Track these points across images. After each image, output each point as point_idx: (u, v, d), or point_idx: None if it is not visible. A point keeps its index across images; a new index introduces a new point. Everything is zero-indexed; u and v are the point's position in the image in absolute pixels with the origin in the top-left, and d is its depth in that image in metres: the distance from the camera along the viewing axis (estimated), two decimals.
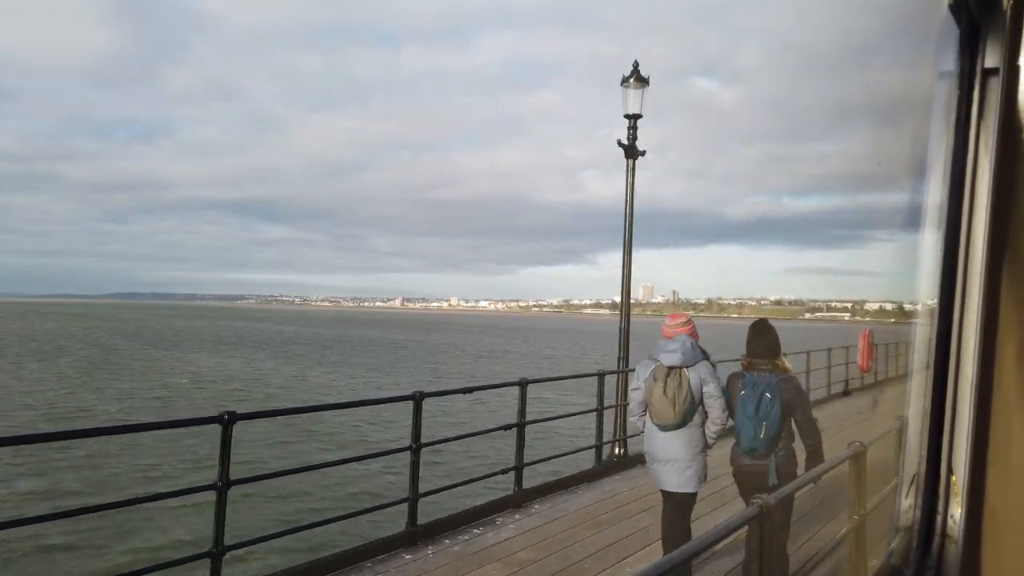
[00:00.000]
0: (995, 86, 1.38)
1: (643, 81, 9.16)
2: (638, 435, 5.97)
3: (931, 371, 1.55)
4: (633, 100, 9.19)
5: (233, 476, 4.48)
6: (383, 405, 14.96)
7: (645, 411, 4.78)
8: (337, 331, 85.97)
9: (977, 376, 1.45)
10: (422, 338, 76.05)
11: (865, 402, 14.90)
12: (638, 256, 9.70)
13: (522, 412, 7.19)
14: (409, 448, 5.87)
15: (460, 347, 59.83)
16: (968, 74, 1.43)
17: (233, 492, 4.48)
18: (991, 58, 1.39)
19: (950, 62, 1.45)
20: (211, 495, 4.48)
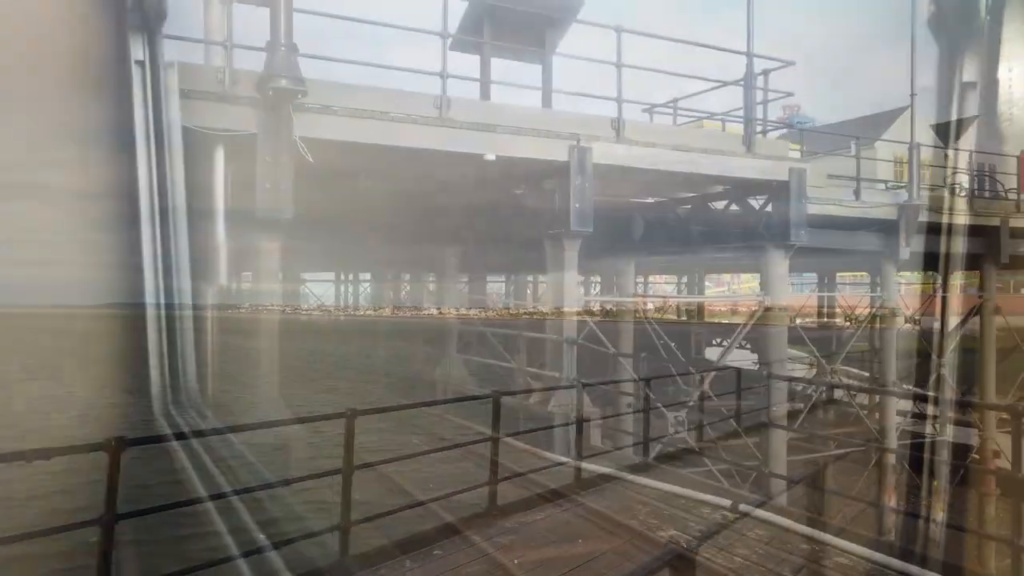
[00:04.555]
0: (973, 98, 1.41)
1: None
2: None
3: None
4: None
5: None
6: None
7: None
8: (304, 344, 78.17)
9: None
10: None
11: None
12: None
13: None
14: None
15: None
16: (947, 87, 1.45)
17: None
18: (969, 72, 1.42)
19: (930, 75, 1.48)
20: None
